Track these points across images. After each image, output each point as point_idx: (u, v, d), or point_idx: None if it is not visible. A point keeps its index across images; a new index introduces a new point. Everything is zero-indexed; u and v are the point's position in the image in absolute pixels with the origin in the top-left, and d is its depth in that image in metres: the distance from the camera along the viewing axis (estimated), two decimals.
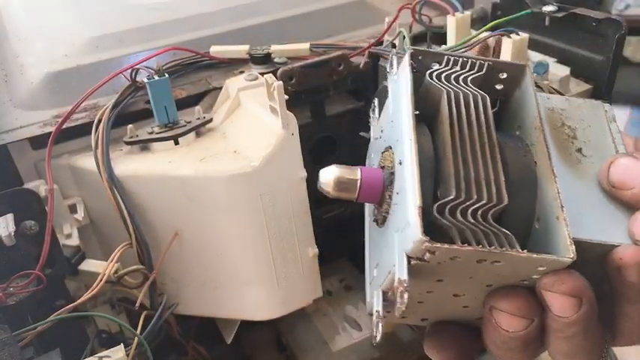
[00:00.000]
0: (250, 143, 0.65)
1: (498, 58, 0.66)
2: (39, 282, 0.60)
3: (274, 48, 0.78)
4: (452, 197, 0.41)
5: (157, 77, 0.67)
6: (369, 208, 0.54)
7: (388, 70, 0.52)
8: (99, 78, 0.72)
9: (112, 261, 0.62)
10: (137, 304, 0.64)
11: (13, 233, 0.58)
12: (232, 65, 0.80)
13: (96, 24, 0.86)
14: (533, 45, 0.76)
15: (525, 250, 0.39)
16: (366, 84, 0.78)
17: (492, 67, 0.49)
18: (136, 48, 0.81)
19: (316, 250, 0.71)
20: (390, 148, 0.47)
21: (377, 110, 0.55)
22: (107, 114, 0.67)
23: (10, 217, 0.59)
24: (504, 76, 0.49)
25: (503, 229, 0.40)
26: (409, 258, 0.39)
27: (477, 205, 0.41)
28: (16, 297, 0.58)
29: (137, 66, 0.71)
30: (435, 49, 0.49)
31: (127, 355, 0.56)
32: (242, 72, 0.77)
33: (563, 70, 0.71)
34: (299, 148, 0.65)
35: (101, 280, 0.61)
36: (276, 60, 0.78)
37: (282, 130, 0.63)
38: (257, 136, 0.65)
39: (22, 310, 0.60)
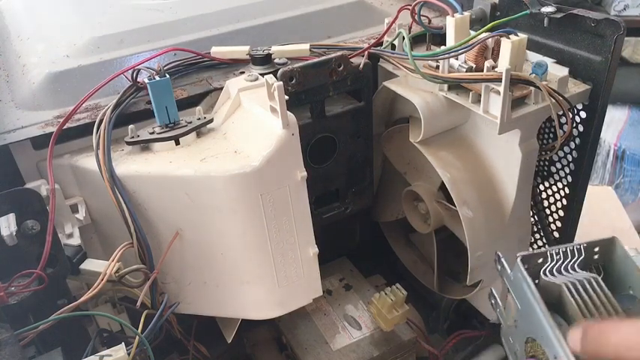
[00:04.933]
0: (251, 143, 0.66)
1: (497, 58, 0.67)
2: (40, 281, 0.60)
3: (275, 49, 0.79)
4: None
5: (157, 78, 0.67)
6: None
7: (498, 268, 0.58)
8: (100, 78, 0.72)
9: (113, 260, 0.63)
10: (138, 304, 0.65)
11: (14, 233, 0.58)
12: (233, 66, 0.81)
13: (97, 25, 0.86)
14: (532, 46, 0.76)
15: None
16: (365, 84, 0.78)
17: (587, 248, 0.56)
18: (137, 49, 0.82)
19: (316, 250, 0.72)
20: (534, 340, 0.53)
21: (498, 300, 0.61)
22: (108, 114, 0.67)
23: (11, 216, 0.59)
24: (597, 249, 0.56)
25: None
26: None
27: None
28: (17, 296, 0.59)
29: (138, 66, 0.72)
30: (542, 250, 0.57)
31: (128, 354, 0.56)
32: (243, 72, 0.78)
33: (562, 71, 0.71)
34: (299, 148, 0.66)
35: (102, 280, 0.61)
36: (276, 61, 0.79)
37: (283, 130, 0.63)
38: (257, 137, 0.66)
39: (24, 310, 0.60)
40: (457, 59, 0.71)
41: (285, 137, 0.63)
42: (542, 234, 0.90)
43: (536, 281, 0.54)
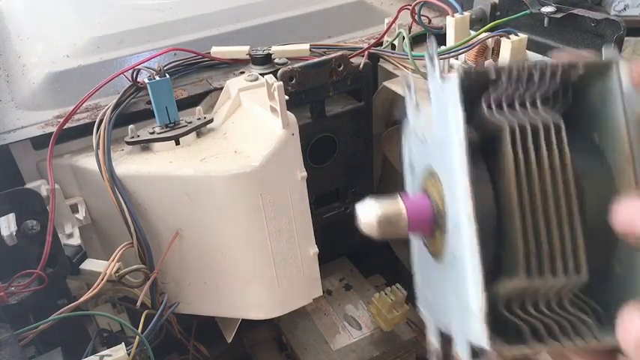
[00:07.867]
0: (251, 143, 0.66)
1: (497, 58, 0.67)
2: (40, 281, 0.60)
3: (275, 49, 0.79)
4: (524, 285, 0.33)
5: (158, 78, 0.67)
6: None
7: (428, 67, 0.38)
8: (100, 78, 0.72)
9: (113, 260, 0.63)
10: (138, 304, 0.65)
11: (14, 233, 0.59)
12: (233, 66, 0.81)
13: (97, 25, 0.86)
14: (532, 45, 0.76)
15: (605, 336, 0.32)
16: (365, 84, 0.78)
17: (565, 71, 0.36)
18: (137, 49, 0.82)
19: (316, 250, 0.72)
20: (436, 176, 0.38)
21: (415, 99, 0.42)
22: (108, 114, 0.67)
23: (11, 216, 0.59)
24: (581, 72, 0.37)
25: (583, 316, 0.33)
26: (473, 352, 0.33)
27: (553, 292, 0.34)
28: (17, 296, 0.59)
29: (138, 66, 0.72)
30: (499, 65, 0.36)
31: (128, 354, 0.56)
32: (243, 72, 0.78)
33: None
34: (299, 148, 0.66)
35: (102, 280, 0.61)
36: (276, 61, 0.79)
37: (283, 130, 0.63)
38: (257, 136, 0.66)
39: (24, 309, 0.60)
40: (457, 59, 0.71)
41: (285, 137, 0.63)
42: None
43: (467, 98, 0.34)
